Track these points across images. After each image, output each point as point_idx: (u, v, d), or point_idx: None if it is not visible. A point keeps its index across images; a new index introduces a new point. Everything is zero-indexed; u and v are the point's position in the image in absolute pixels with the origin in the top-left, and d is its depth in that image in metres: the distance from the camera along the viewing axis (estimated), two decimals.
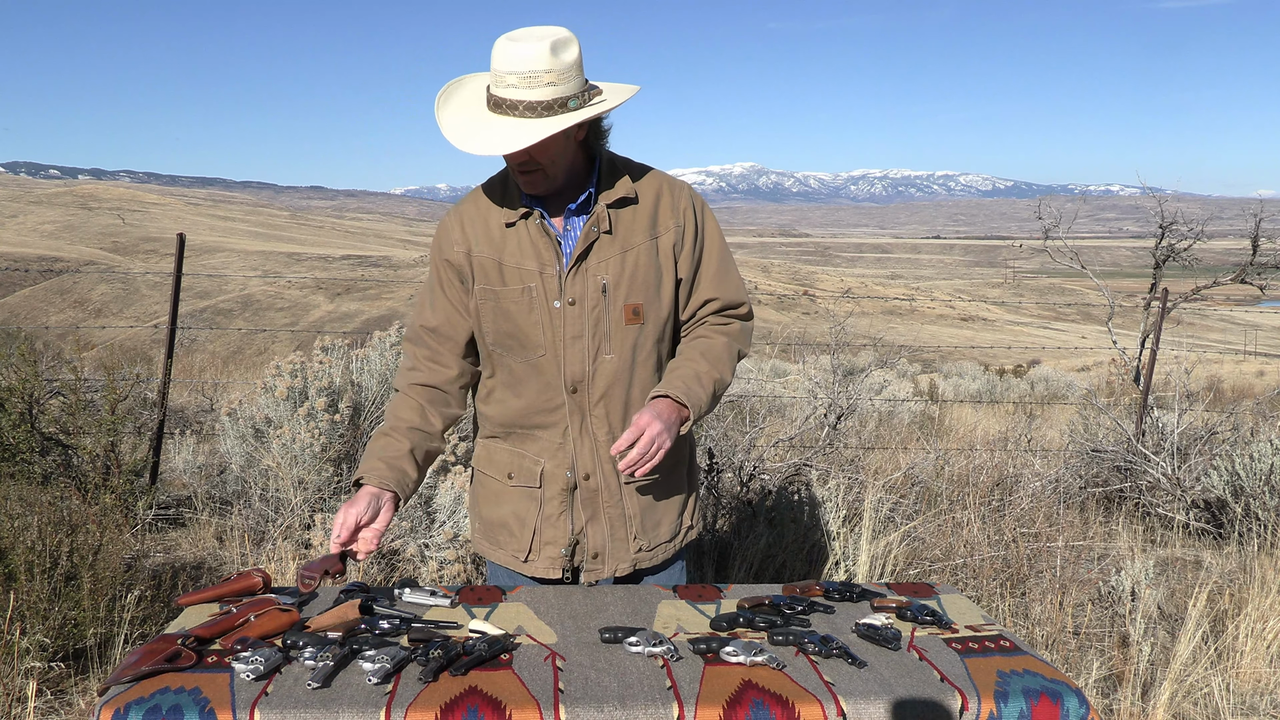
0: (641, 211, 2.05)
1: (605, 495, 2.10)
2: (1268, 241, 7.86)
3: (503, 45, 1.87)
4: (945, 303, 75.19)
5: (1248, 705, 3.25)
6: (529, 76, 1.85)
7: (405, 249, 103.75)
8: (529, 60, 1.85)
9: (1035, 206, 8.39)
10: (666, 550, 2.19)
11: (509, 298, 2.02)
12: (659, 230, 2.06)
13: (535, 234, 2.02)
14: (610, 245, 2.02)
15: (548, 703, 1.49)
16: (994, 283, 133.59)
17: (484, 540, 2.23)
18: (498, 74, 1.88)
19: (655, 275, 2.05)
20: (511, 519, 2.14)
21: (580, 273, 2.00)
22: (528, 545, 2.13)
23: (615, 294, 2.01)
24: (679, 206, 2.08)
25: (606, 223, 2.01)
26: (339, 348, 5.01)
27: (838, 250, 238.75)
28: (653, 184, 2.08)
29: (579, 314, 2.01)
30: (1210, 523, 5.57)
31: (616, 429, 2.06)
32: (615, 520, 2.12)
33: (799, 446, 5.55)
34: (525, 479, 2.12)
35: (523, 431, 2.12)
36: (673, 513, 2.19)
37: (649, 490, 2.13)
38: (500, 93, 1.88)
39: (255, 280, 60.19)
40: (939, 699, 1.54)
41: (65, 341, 10.72)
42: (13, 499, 3.61)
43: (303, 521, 4.36)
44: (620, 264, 2.02)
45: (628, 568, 2.15)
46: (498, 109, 1.89)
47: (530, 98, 1.86)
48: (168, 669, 1.56)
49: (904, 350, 20.00)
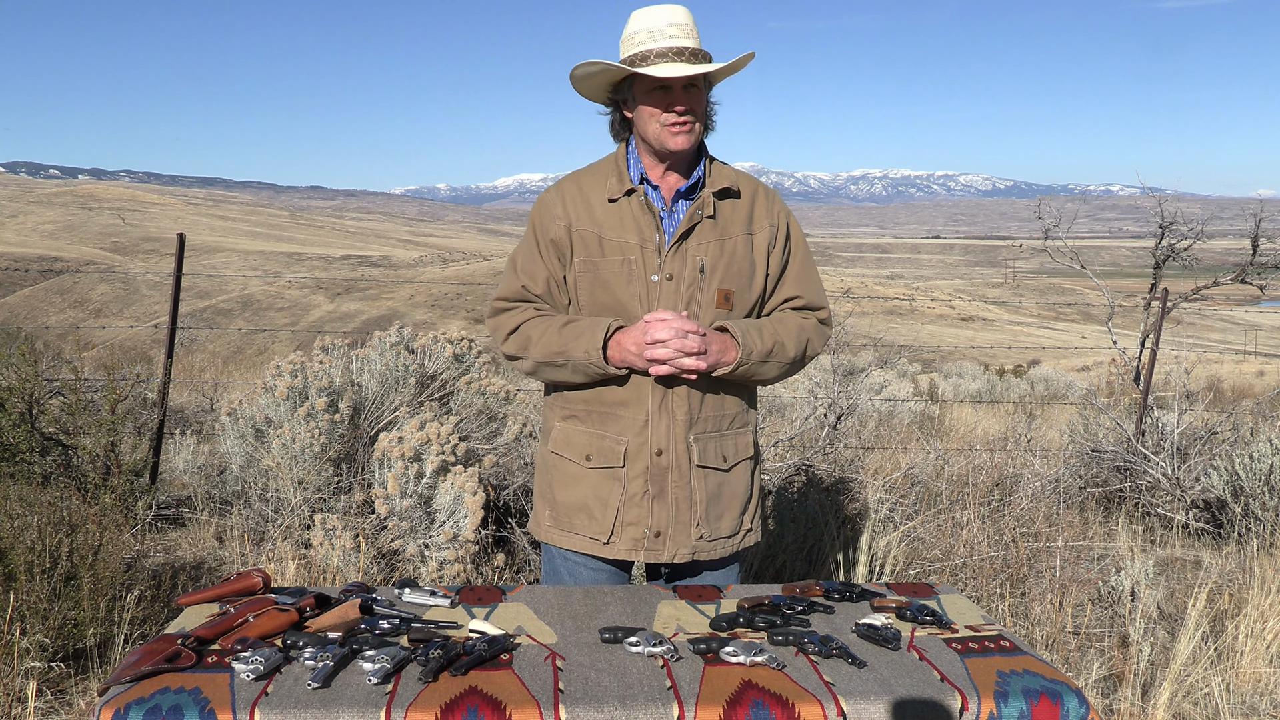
0: (741, 206, 2.19)
1: (675, 475, 2.14)
2: (1268, 241, 7.85)
3: (652, 9, 2.10)
4: (945, 303, 75.19)
5: (1248, 705, 3.25)
6: (685, 28, 2.08)
7: (405, 249, 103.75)
8: (682, 15, 2.09)
9: (1035, 206, 8.38)
10: (726, 546, 2.23)
11: (608, 269, 2.13)
12: (755, 227, 2.20)
13: (638, 210, 2.14)
14: (711, 230, 2.14)
15: (548, 703, 1.49)
16: (994, 283, 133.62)
17: (555, 528, 2.24)
18: (655, 29, 2.07)
19: (749, 266, 2.18)
20: (592, 500, 2.17)
21: (680, 251, 2.12)
22: (610, 527, 2.16)
23: (711, 276, 2.13)
24: (774, 209, 2.24)
25: (711, 208, 2.14)
26: (339, 348, 5.01)
27: (838, 250, 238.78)
28: (751, 185, 2.24)
29: (674, 290, 2.12)
30: (1210, 523, 5.57)
31: (695, 410, 2.14)
32: (681, 501, 2.15)
33: (799, 446, 5.55)
34: (607, 459, 2.16)
35: (604, 410, 2.16)
36: (735, 508, 2.23)
37: (717, 480, 2.19)
38: (664, 44, 2.06)
39: (255, 280, 60.21)
40: (939, 699, 1.54)
41: (65, 341, 10.73)
42: (13, 499, 3.61)
43: (303, 521, 4.36)
44: (719, 249, 2.14)
45: (688, 554, 2.18)
46: (661, 58, 2.05)
47: (691, 44, 2.08)
48: (168, 669, 1.56)
49: (904, 350, 20.01)
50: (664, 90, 2.08)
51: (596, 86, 2.18)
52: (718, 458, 2.18)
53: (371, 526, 4.24)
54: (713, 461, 2.17)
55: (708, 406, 2.16)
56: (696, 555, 2.19)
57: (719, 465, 2.18)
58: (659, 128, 2.10)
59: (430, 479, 4.10)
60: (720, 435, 2.19)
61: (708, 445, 2.16)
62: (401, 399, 4.87)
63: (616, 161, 2.20)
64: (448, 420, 4.33)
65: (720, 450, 2.19)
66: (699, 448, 2.15)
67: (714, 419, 2.17)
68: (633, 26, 2.11)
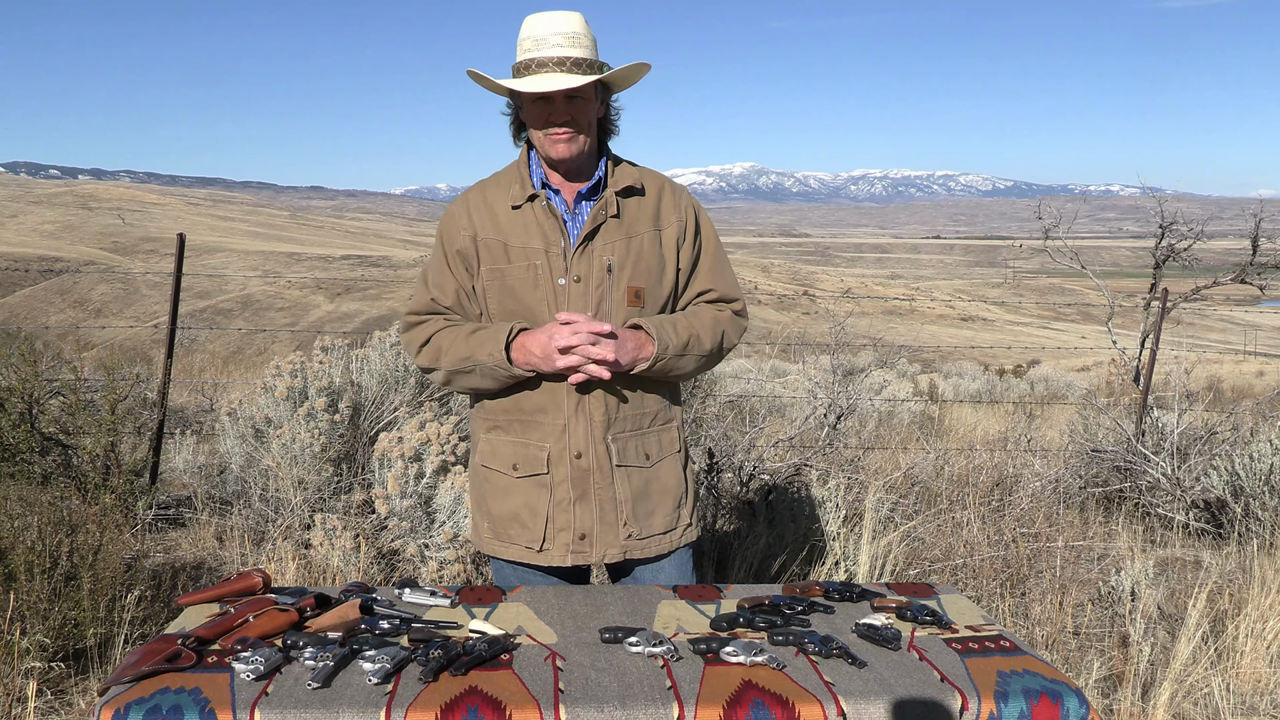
0: (646, 203, 2.18)
1: (596, 476, 2.14)
2: (1268, 241, 7.85)
3: (540, 16, 2.07)
4: (945, 303, 75.18)
5: (1248, 705, 3.24)
6: (571, 36, 2.05)
7: (405, 249, 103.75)
8: (570, 23, 2.06)
9: (1035, 206, 8.38)
10: (661, 544, 2.21)
11: (514, 275, 2.12)
12: (662, 223, 2.19)
13: (541, 215, 2.13)
14: (617, 229, 2.13)
15: (548, 703, 1.49)
16: (994, 283, 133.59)
17: (493, 539, 2.24)
18: (539, 39, 2.04)
19: (658, 262, 2.17)
20: (523, 510, 2.17)
21: (586, 252, 2.11)
22: (541, 534, 2.15)
23: (620, 275, 2.12)
24: (680, 204, 2.22)
25: (615, 208, 2.13)
26: (339, 348, 5.01)
27: (838, 250, 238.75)
28: (656, 181, 2.23)
29: (583, 291, 2.11)
30: (1210, 523, 5.57)
31: (613, 410, 2.13)
32: (605, 502, 2.15)
33: (799, 446, 5.55)
34: (532, 466, 2.15)
35: (524, 418, 2.16)
36: (667, 505, 2.22)
37: (642, 477, 2.18)
38: (546, 53, 2.04)
39: (255, 280, 60.20)
40: (939, 699, 1.54)
41: (65, 341, 10.73)
42: (13, 499, 3.61)
43: (303, 521, 4.36)
44: (626, 248, 2.13)
45: (618, 554, 2.17)
46: (542, 68, 2.03)
47: (575, 54, 2.05)
48: (168, 669, 1.56)
49: (904, 350, 20.01)
50: (545, 101, 2.06)
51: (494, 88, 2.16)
52: (639, 455, 2.17)
53: (371, 526, 4.24)
54: (633, 460, 2.16)
55: (626, 406, 2.15)
56: (628, 554, 2.18)
57: (641, 463, 2.17)
58: (542, 137, 2.10)
59: (430, 479, 4.10)
60: (641, 433, 2.18)
61: (627, 444, 2.15)
62: (401, 399, 4.87)
63: (519, 168, 2.19)
64: (448, 420, 4.33)
65: (642, 448, 2.18)
66: (618, 448, 2.14)
67: (633, 418, 2.16)
68: (522, 33, 2.09)
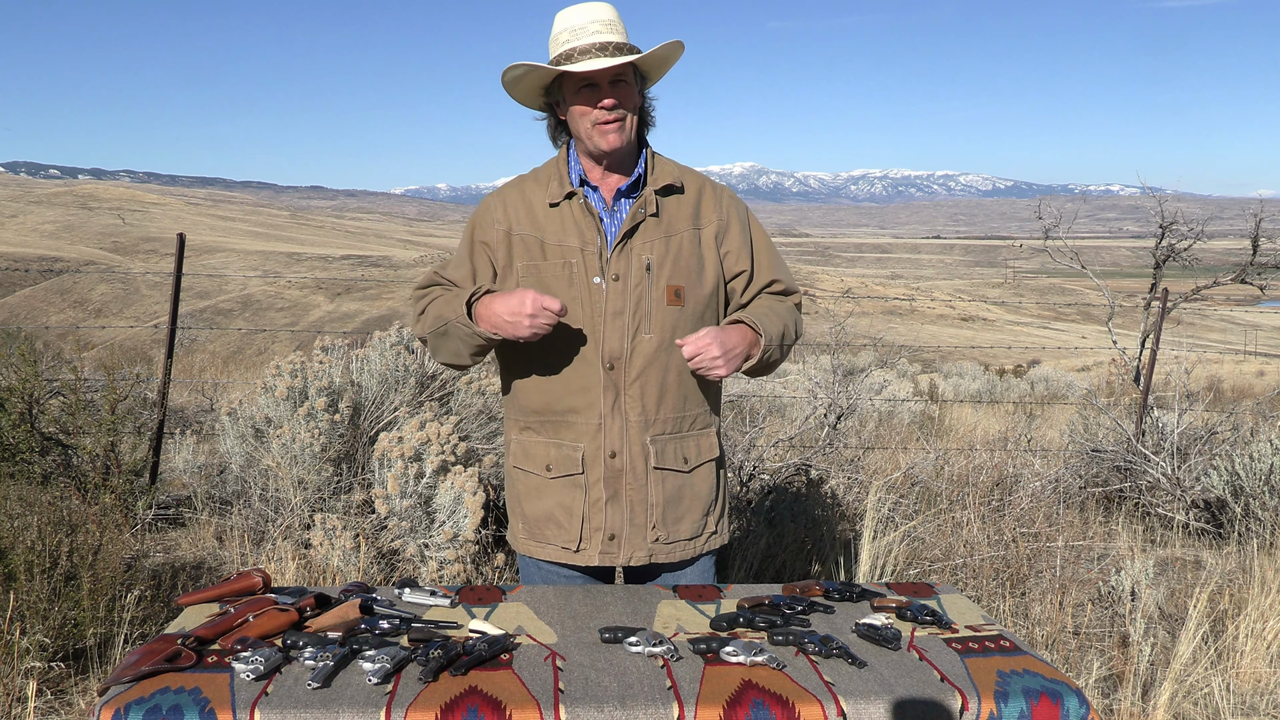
0: (686, 202, 2.17)
1: (629, 477, 2.12)
2: (1268, 241, 7.85)
3: (574, 8, 2.09)
4: (945, 303, 75.17)
5: (1248, 705, 3.24)
6: (608, 23, 2.07)
7: (405, 249, 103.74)
8: (604, 11, 2.09)
9: (1035, 206, 8.38)
10: (686, 549, 2.20)
11: (550, 271, 2.11)
12: (702, 222, 2.17)
13: (578, 213, 2.12)
14: (656, 228, 2.12)
15: (548, 703, 1.49)
16: (994, 283, 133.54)
17: (528, 540, 2.23)
18: (577, 28, 2.05)
19: (697, 261, 2.14)
20: (558, 511, 2.16)
21: (625, 251, 2.10)
22: (578, 535, 2.14)
23: (659, 274, 2.10)
24: (722, 203, 2.21)
25: (654, 206, 2.12)
26: (339, 348, 5.01)
27: (838, 250, 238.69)
28: (696, 180, 2.21)
29: (621, 290, 2.09)
30: (1210, 523, 5.57)
31: (650, 410, 2.11)
32: (637, 504, 2.13)
33: (799, 446, 5.55)
34: (566, 468, 2.14)
35: (556, 418, 2.14)
36: (697, 511, 2.20)
37: (676, 482, 2.16)
38: (586, 40, 2.05)
39: (255, 280, 60.20)
40: (939, 699, 1.54)
41: (65, 341, 10.72)
42: (13, 499, 3.61)
43: (303, 521, 4.36)
44: (665, 246, 2.11)
45: (644, 557, 2.15)
46: (585, 55, 2.03)
47: (615, 39, 2.06)
48: (168, 669, 1.56)
49: (904, 350, 20.01)
50: (591, 87, 2.05)
51: (529, 91, 2.15)
52: (678, 459, 2.14)
53: (371, 526, 4.24)
54: (672, 463, 2.13)
55: (665, 408, 2.12)
56: (653, 558, 2.16)
57: (679, 467, 2.15)
58: (589, 126, 2.08)
59: (430, 479, 4.10)
60: (681, 437, 2.15)
61: (666, 447, 2.13)
62: (401, 399, 4.87)
63: (558, 165, 2.18)
64: (448, 420, 4.33)
65: (681, 452, 2.15)
66: (656, 449, 2.11)
67: (673, 420, 2.13)
68: (556, 27, 2.10)
